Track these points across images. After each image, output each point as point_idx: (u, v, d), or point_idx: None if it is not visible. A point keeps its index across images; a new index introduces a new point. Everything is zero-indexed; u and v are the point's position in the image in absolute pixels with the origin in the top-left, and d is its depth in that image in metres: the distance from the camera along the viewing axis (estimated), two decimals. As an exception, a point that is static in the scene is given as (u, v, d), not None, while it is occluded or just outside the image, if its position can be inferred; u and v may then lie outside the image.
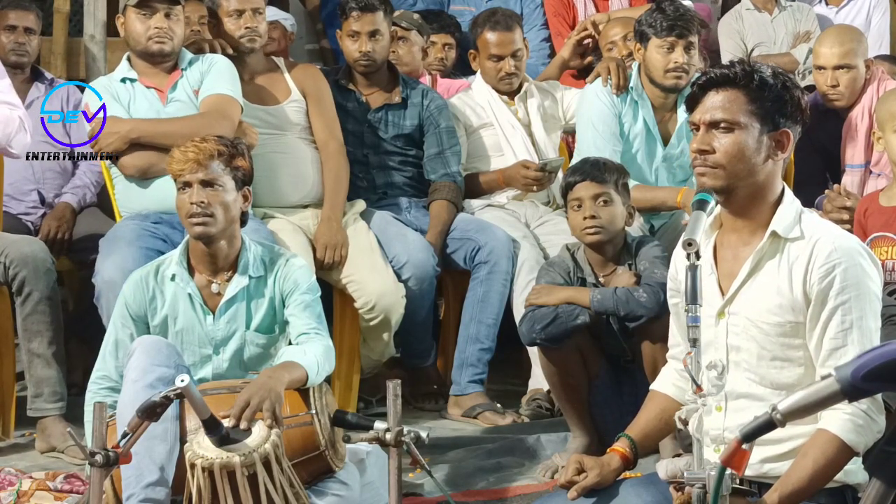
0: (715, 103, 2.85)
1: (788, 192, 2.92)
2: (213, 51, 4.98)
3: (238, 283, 3.74)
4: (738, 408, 2.86)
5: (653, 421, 3.12)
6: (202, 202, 3.65)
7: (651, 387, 3.20)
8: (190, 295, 3.74)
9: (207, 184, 3.68)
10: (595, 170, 4.28)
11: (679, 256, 3.04)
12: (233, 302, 3.74)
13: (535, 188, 5.22)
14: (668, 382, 3.15)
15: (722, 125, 2.84)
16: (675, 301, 3.06)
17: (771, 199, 2.88)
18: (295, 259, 3.85)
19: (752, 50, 6.23)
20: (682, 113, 4.98)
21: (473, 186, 5.34)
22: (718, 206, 2.89)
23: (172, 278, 3.75)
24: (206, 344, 3.74)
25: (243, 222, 3.80)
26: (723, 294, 2.90)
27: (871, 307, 2.82)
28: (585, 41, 5.86)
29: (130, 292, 3.78)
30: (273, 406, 3.34)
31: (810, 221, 2.88)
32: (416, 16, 5.70)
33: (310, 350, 3.61)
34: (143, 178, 4.61)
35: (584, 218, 4.20)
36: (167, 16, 4.69)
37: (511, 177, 5.25)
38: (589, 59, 5.89)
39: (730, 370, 2.87)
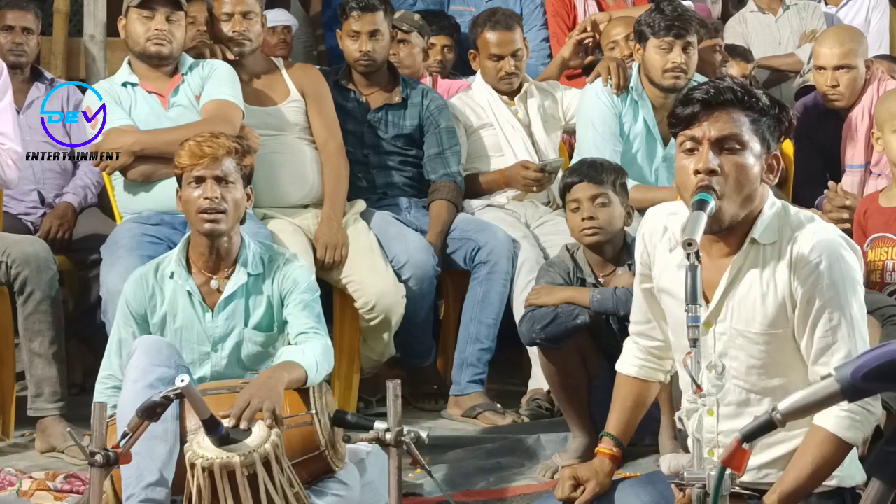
0: (723, 120, 2.76)
1: (770, 197, 2.84)
2: (213, 56, 4.98)
3: (237, 279, 3.74)
4: (729, 413, 2.85)
5: (627, 411, 3.12)
6: (216, 197, 3.66)
7: (616, 367, 3.18)
8: (189, 292, 3.74)
9: (221, 180, 3.69)
10: (592, 171, 4.28)
11: (651, 242, 2.98)
12: (231, 299, 3.74)
13: (535, 188, 5.22)
14: (630, 364, 3.14)
15: (731, 143, 2.75)
16: (647, 286, 3.02)
17: (755, 215, 2.82)
18: (294, 259, 3.86)
19: (728, 69, 6.17)
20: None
21: (473, 187, 5.34)
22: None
23: (171, 276, 3.76)
24: (204, 341, 3.75)
25: (242, 220, 3.82)
26: (707, 303, 2.86)
27: (857, 298, 2.78)
28: (586, 41, 5.85)
29: (131, 291, 3.79)
30: (273, 406, 3.33)
31: (787, 220, 2.82)
32: (416, 17, 5.70)
33: (308, 350, 3.61)
34: (146, 181, 4.62)
35: (583, 219, 4.21)
36: (168, 19, 4.70)
37: (511, 177, 5.25)
38: (589, 58, 5.88)
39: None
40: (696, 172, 2.75)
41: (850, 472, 2.80)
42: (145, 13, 4.70)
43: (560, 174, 5.04)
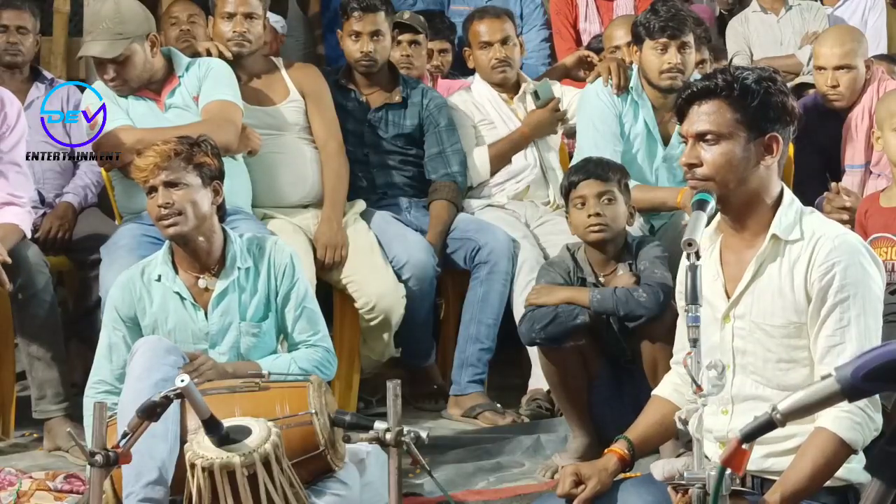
0: (700, 115, 2.87)
1: (788, 193, 2.93)
2: (209, 53, 4.97)
3: (228, 276, 3.77)
4: (744, 410, 2.87)
5: (653, 426, 3.13)
6: (168, 203, 3.70)
7: (653, 392, 3.21)
8: (178, 293, 3.76)
9: (171, 184, 3.72)
10: (598, 168, 4.30)
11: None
12: (224, 295, 3.77)
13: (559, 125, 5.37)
14: (670, 388, 3.16)
15: (708, 137, 2.86)
16: (683, 304, 3.06)
17: (769, 202, 2.90)
18: (281, 244, 3.89)
19: (733, 58, 6.19)
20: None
21: (499, 158, 5.33)
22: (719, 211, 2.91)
23: (158, 279, 3.77)
24: (200, 340, 3.76)
25: (222, 217, 3.82)
26: (728, 298, 2.92)
27: (872, 306, 2.82)
28: (591, 59, 5.79)
29: (118, 295, 3.81)
30: (210, 377, 3.58)
31: (811, 221, 2.90)
32: (421, 18, 5.70)
33: (287, 357, 3.78)
34: None
35: (589, 216, 4.20)
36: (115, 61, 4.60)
37: (537, 123, 5.28)
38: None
39: (736, 373, 2.90)
40: (682, 165, 2.91)
41: (857, 468, 2.82)
42: None
43: (560, 173, 5.05)
